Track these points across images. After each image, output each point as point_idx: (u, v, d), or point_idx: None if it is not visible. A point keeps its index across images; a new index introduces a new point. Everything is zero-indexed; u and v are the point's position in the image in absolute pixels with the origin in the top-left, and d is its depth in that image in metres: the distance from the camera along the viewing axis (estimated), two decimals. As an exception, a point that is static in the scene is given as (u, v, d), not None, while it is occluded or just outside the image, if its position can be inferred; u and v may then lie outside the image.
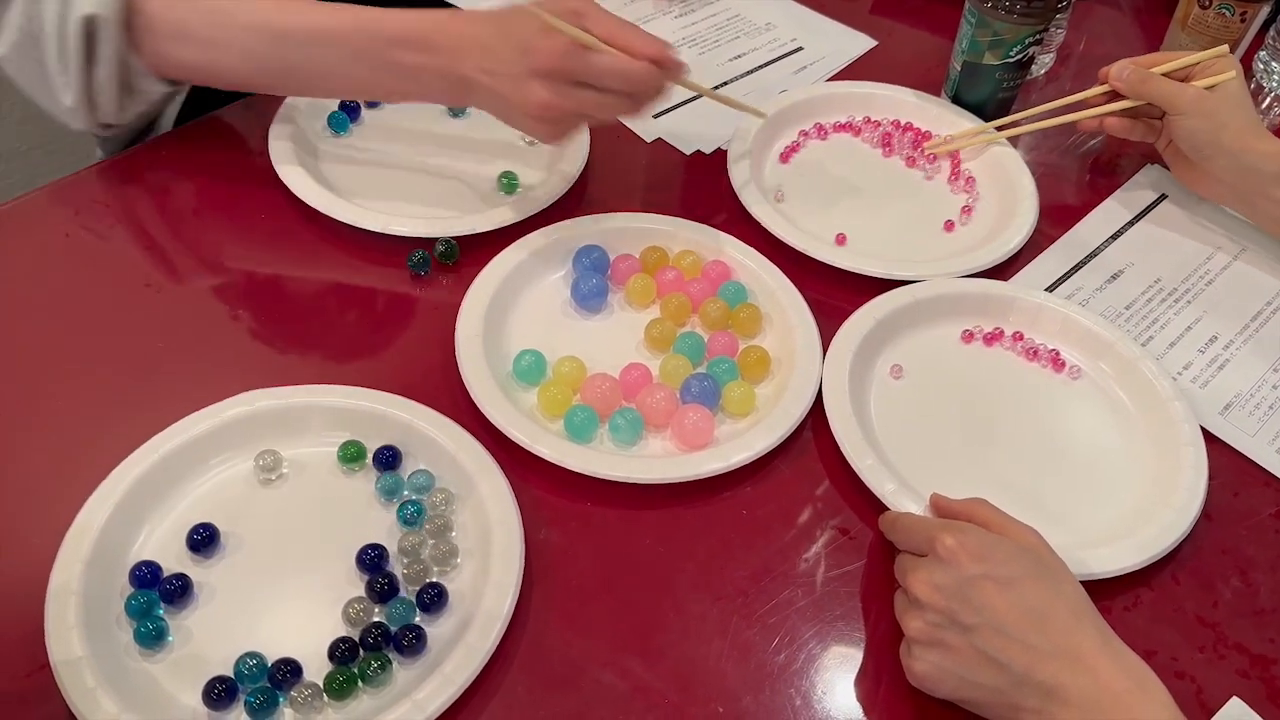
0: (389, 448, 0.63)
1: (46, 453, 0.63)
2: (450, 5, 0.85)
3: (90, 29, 0.70)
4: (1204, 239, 0.85)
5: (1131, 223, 0.86)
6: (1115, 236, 0.85)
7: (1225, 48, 0.81)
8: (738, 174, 0.83)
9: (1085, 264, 0.82)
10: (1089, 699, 0.50)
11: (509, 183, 0.81)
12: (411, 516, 0.61)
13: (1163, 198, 0.88)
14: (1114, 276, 0.81)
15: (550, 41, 0.65)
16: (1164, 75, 0.81)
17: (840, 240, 0.81)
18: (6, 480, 0.62)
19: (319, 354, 0.70)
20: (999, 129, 0.89)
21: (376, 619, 0.57)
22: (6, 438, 0.64)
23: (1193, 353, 0.76)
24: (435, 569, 0.60)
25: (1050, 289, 0.80)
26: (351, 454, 0.63)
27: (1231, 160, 0.79)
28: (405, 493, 0.62)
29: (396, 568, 0.59)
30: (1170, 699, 0.50)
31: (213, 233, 0.77)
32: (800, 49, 1.01)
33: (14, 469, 0.63)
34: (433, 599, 0.57)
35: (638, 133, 0.89)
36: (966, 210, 0.85)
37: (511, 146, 0.86)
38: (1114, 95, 0.84)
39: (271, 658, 0.55)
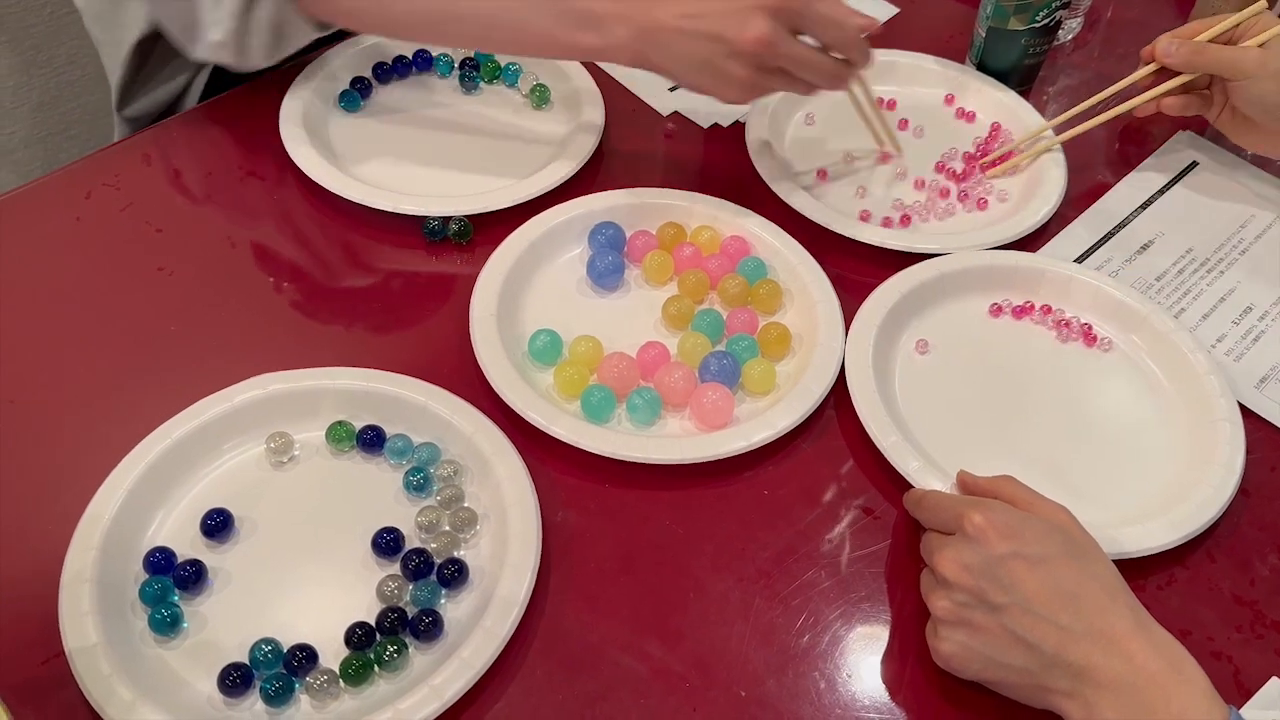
0: (372, 427, 0.63)
1: (59, 439, 0.63)
2: None
3: None
4: (1237, 207, 0.82)
5: (1161, 191, 0.83)
6: (1145, 206, 0.82)
7: (1264, 3, 0.78)
8: (756, 148, 0.81)
9: (1114, 235, 0.80)
10: (1123, 681, 0.49)
11: (540, 94, 0.82)
12: (419, 483, 0.60)
13: (1193, 165, 0.85)
14: (1144, 247, 0.79)
15: None
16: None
17: (864, 217, 0.79)
18: (20, 467, 0.62)
19: (331, 336, 0.70)
20: (1056, 130, 0.84)
21: (405, 599, 0.57)
22: (19, 423, 0.64)
23: (1227, 324, 0.74)
24: (460, 537, 0.59)
25: (1079, 261, 0.77)
26: (340, 434, 0.62)
27: None
28: (416, 464, 0.62)
29: (416, 545, 0.59)
30: (1207, 680, 0.49)
31: (224, 215, 0.77)
32: (820, 18, 0.99)
33: (27, 455, 0.62)
34: (453, 574, 0.57)
35: (654, 106, 0.87)
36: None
37: (525, 124, 0.84)
38: (1161, 73, 0.80)
39: (287, 644, 0.54)
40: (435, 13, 0.72)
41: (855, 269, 0.74)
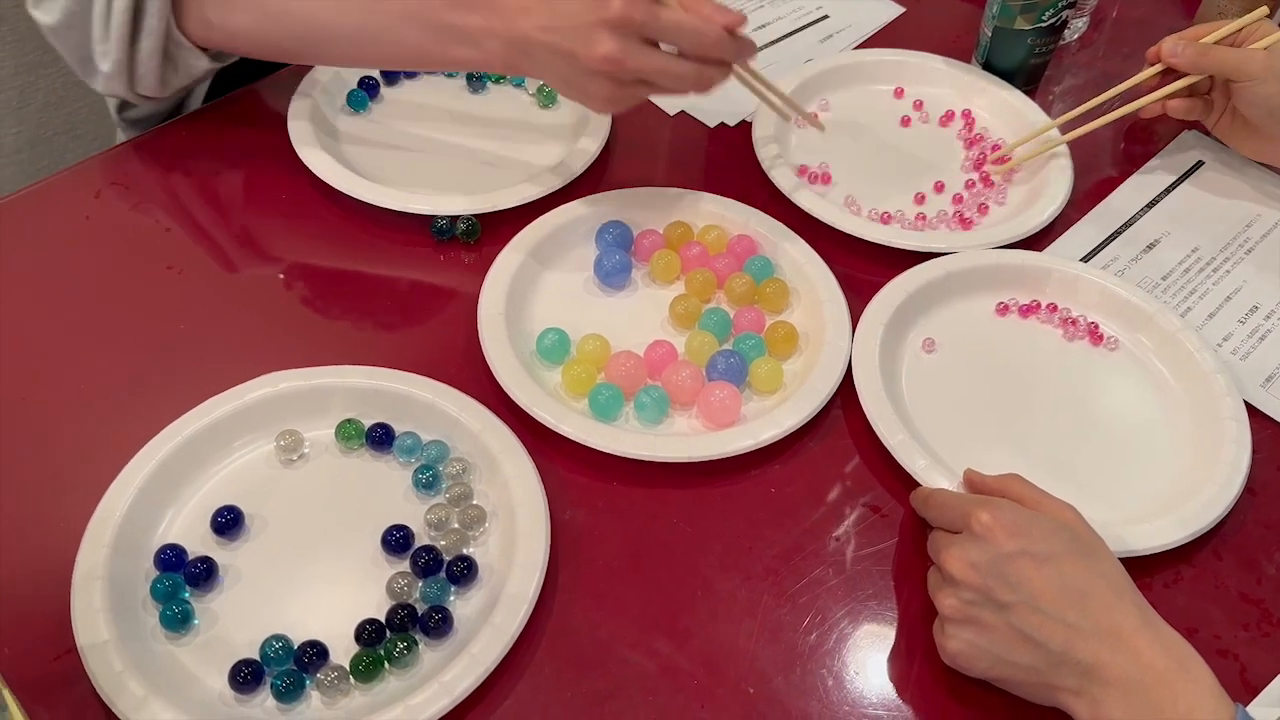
0: (381, 425, 0.63)
1: (70, 437, 0.63)
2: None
3: (138, 3, 0.69)
4: (1243, 206, 0.82)
5: (1167, 191, 0.84)
6: (1150, 205, 0.82)
7: (1264, 10, 0.78)
8: (763, 146, 0.81)
9: (1120, 234, 0.80)
10: (1130, 678, 0.49)
11: (547, 94, 0.83)
12: (428, 481, 0.61)
13: (1199, 164, 0.86)
14: (1149, 246, 0.79)
15: None
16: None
17: (885, 220, 0.79)
18: (31, 465, 0.62)
19: (340, 334, 0.70)
20: (1063, 129, 0.83)
21: (415, 595, 0.57)
22: (30, 423, 0.64)
23: (1232, 324, 0.74)
24: (469, 534, 0.59)
25: (1085, 260, 0.78)
26: (350, 432, 0.63)
27: None
28: (425, 462, 0.62)
29: (425, 542, 0.59)
30: (1213, 677, 0.49)
31: (233, 214, 0.77)
32: (826, 17, 0.99)
33: (38, 454, 0.62)
34: (462, 571, 0.57)
35: (660, 106, 0.87)
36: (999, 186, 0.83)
37: (532, 123, 0.85)
38: (1167, 75, 0.81)
39: (297, 640, 0.55)
40: (312, 33, 0.72)
41: (862, 268, 0.75)
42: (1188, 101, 0.81)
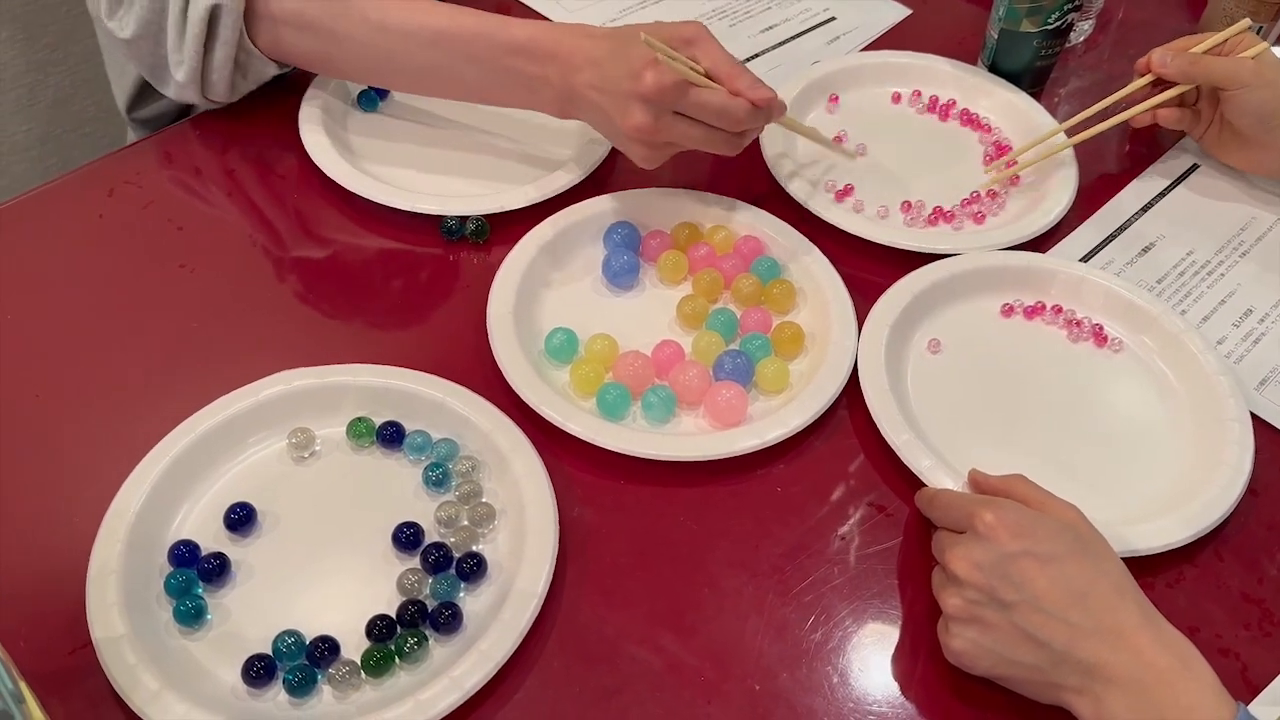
0: (392, 423, 0.64)
1: (84, 434, 0.64)
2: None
3: (213, 15, 0.72)
4: (1238, 210, 0.83)
5: (1163, 194, 0.84)
6: (1147, 208, 0.83)
7: (1247, 21, 0.79)
8: (770, 147, 0.82)
9: (1116, 236, 0.80)
10: (1131, 677, 0.49)
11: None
12: (438, 478, 0.61)
13: (1195, 167, 0.86)
14: (1146, 249, 0.80)
15: (657, 70, 0.66)
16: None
17: (880, 210, 0.80)
18: (46, 462, 0.63)
19: (351, 333, 0.70)
20: (1068, 133, 0.83)
21: (425, 592, 0.57)
22: (45, 420, 0.65)
23: (1227, 327, 0.75)
24: (478, 531, 0.60)
25: (1083, 261, 0.78)
26: (361, 430, 0.63)
27: None
28: (435, 459, 0.63)
29: (435, 539, 0.60)
30: (1214, 676, 0.50)
31: (245, 212, 0.77)
32: (833, 19, 1.00)
33: (53, 450, 0.63)
34: (472, 568, 0.58)
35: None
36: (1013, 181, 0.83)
37: (541, 124, 0.85)
38: (1158, 85, 0.81)
39: (309, 635, 0.55)
40: (378, 63, 0.76)
41: (868, 269, 0.75)
42: (1178, 111, 0.82)
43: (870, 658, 0.57)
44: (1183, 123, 0.82)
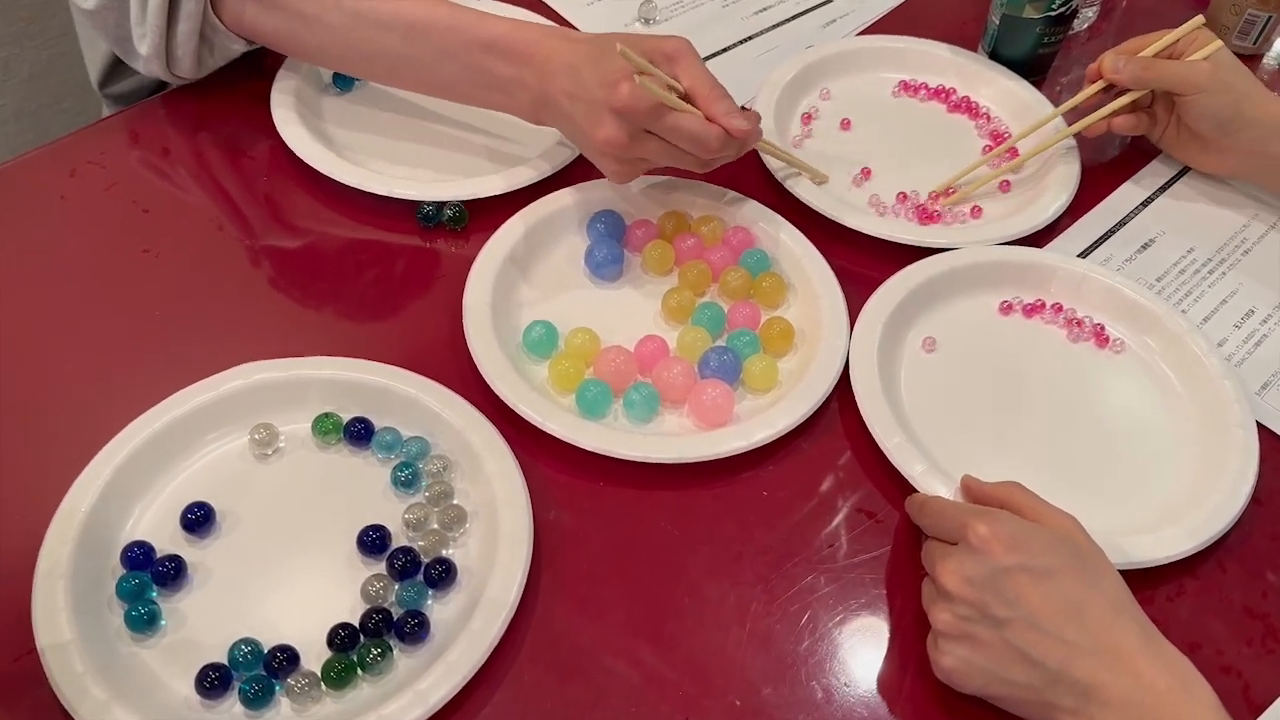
0: (360, 420, 0.61)
1: (36, 427, 0.61)
2: None
3: None
4: (1239, 206, 0.80)
5: (1163, 188, 0.81)
6: (1146, 203, 0.80)
7: (1201, 19, 0.76)
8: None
9: (1115, 232, 0.78)
10: (1129, 698, 0.48)
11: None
12: (407, 479, 0.59)
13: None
14: (1145, 246, 0.77)
15: (634, 84, 0.63)
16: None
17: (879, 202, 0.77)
18: (-3, 455, 0.60)
19: (320, 324, 0.68)
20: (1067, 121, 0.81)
21: (390, 599, 0.55)
22: (-3, 410, 0.62)
23: (1228, 328, 0.72)
24: (448, 535, 0.58)
25: (1081, 257, 0.75)
26: (327, 427, 0.61)
27: (1260, 130, 0.74)
28: (404, 459, 0.60)
29: (403, 543, 0.57)
30: (1215, 698, 0.48)
31: (213, 196, 0.75)
32: (829, 1, 0.97)
33: (1, 444, 0.60)
34: (441, 574, 0.56)
35: (657, 91, 0.85)
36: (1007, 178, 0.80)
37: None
38: (1109, 91, 0.78)
39: (267, 644, 0.53)
40: (346, 50, 0.73)
41: (861, 263, 0.73)
42: (1133, 117, 0.79)
43: (857, 672, 0.55)
44: (1139, 128, 0.80)
